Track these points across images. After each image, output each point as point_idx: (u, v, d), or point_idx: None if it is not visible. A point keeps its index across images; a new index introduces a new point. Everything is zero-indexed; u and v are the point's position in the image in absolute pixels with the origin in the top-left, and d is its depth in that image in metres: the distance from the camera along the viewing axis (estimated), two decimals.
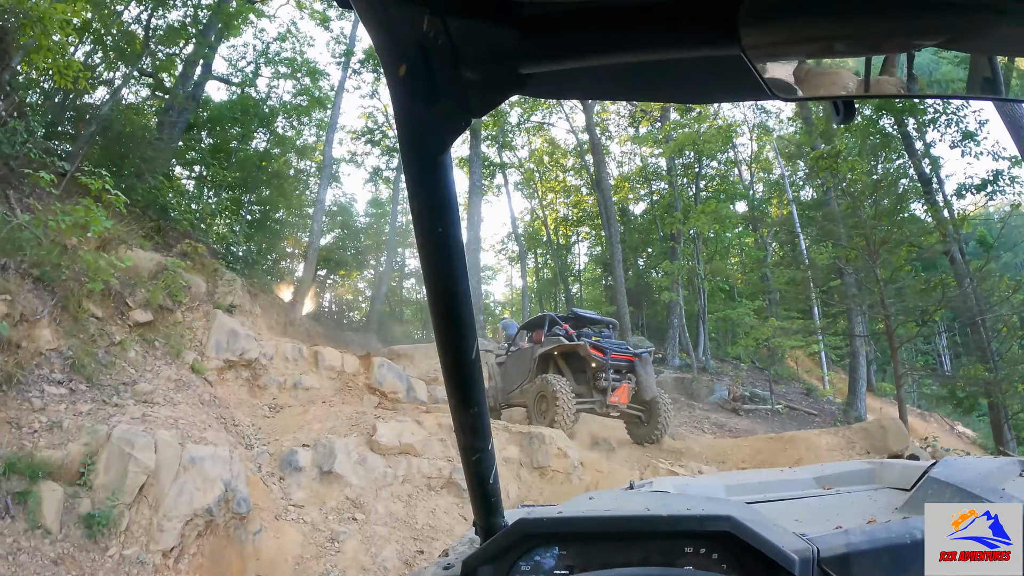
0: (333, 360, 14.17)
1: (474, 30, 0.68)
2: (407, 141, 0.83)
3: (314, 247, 21.65)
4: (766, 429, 18.20)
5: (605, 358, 11.96)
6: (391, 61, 0.72)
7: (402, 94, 0.76)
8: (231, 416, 11.10)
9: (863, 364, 22.40)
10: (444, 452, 9.79)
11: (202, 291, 13.38)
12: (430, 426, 10.27)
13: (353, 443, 9.53)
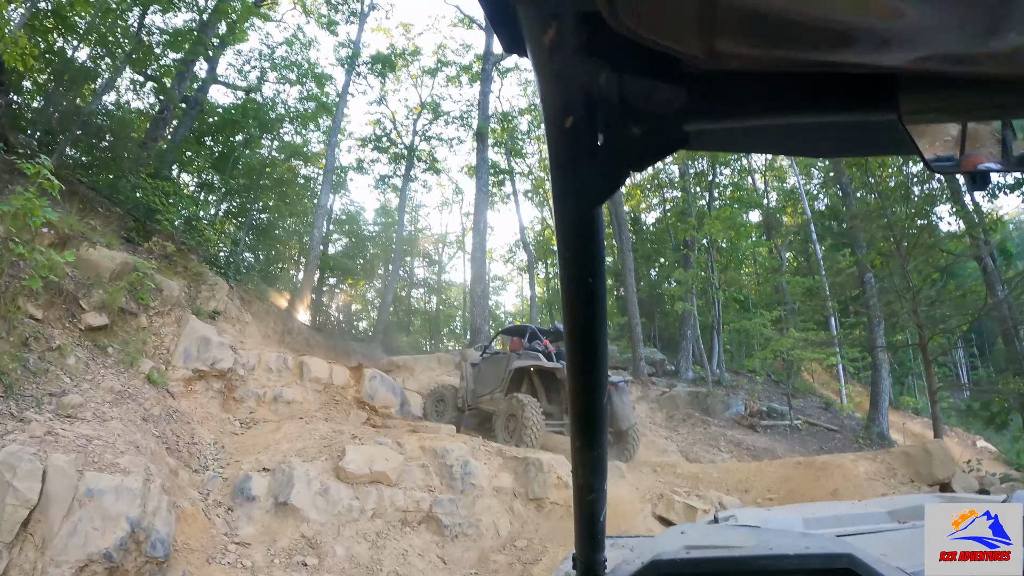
0: (319, 371, 12.57)
1: (645, 87, 0.66)
2: (563, 192, 0.79)
3: (314, 254, 20.25)
4: (786, 448, 16.39)
5: None
6: (556, 112, 0.69)
7: (564, 145, 0.72)
8: (190, 433, 9.55)
9: (885, 377, 20.46)
10: (425, 480, 8.13)
11: (175, 295, 11.88)
12: (411, 449, 8.63)
13: (317, 469, 7.92)
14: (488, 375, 12.89)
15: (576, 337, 0.95)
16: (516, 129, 29.25)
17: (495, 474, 8.47)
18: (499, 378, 12.36)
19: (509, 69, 26.98)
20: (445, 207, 38.67)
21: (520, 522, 8.06)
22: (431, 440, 8.93)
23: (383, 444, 8.76)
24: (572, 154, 0.73)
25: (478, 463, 8.49)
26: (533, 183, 31.68)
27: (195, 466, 8.58)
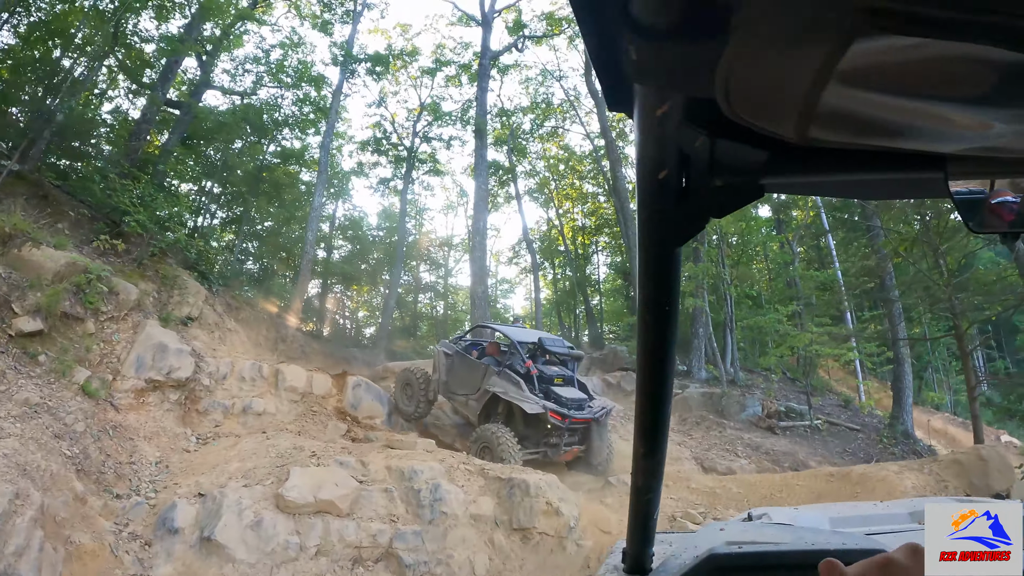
0: (296, 380, 10.99)
1: (733, 149, 0.70)
2: (649, 233, 0.85)
3: (308, 258, 18.67)
4: (808, 451, 14.55)
5: (564, 424, 10.00)
6: (652, 166, 0.74)
7: (655, 194, 0.78)
8: (129, 452, 8.02)
9: (908, 372, 18.47)
10: (387, 508, 6.49)
11: (132, 298, 10.27)
12: (375, 470, 6.99)
13: (255, 496, 6.29)
14: (462, 374, 11.52)
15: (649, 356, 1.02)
16: (519, 128, 27.59)
17: (473, 499, 6.78)
18: (474, 384, 11.03)
19: (509, 66, 25.56)
20: (450, 210, 37.20)
21: (502, 557, 6.39)
22: (399, 459, 7.27)
23: (344, 464, 7.12)
24: (661, 201, 0.78)
25: (452, 487, 6.81)
26: (538, 183, 29.96)
27: (120, 491, 7.03)
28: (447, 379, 11.73)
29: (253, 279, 21.16)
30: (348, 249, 28.93)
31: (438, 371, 12.01)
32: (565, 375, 11.03)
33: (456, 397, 11.52)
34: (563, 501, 6.76)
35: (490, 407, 10.70)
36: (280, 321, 18.35)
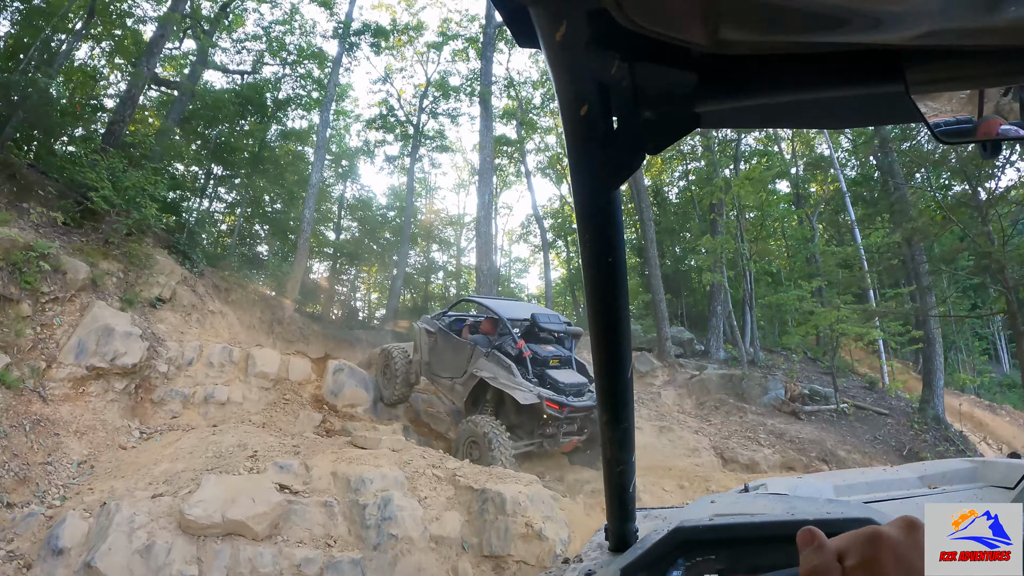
0: (268, 365, 9.56)
1: (656, 74, 0.65)
2: (581, 177, 0.77)
3: (306, 236, 17.22)
4: (836, 438, 12.86)
5: (562, 414, 8.45)
6: (572, 101, 0.68)
7: (580, 132, 0.72)
8: (46, 450, 6.66)
9: (940, 353, 16.59)
10: (324, 528, 4.98)
11: (81, 278, 8.88)
12: (318, 476, 5.48)
13: (154, 511, 4.82)
14: (446, 354, 9.95)
15: (599, 314, 0.92)
16: (529, 101, 25.86)
17: (436, 515, 5.24)
18: (460, 367, 9.51)
19: None
20: (462, 189, 35.56)
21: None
22: (349, 463, 5.73)
23: (284, 468, 5.62)
24: (588, 140, 0.71)
25: (409, 500, 5.28)
26: (549, 159, 28.19)
27: (17, 498, 5.70)
28: (430, 360, 10.22)
29: (248, 259, 19.79)
30: (357, 229, 27.52)
31: (420, 351, 10.50)
32: (562, 356, 9.42)
33: (440, 380, 9.99)
34: (548, 520, 5.18)
35: (478, 393, 9.18)
36: (278, 303, 16.97)
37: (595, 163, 0.73)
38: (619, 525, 1.43)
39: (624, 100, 0.67)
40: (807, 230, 23.08)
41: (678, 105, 0.67)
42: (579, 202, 0.80)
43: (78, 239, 10.63)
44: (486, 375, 8.76)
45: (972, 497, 1.71)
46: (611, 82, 0.65)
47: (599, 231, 0.82)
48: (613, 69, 0.63)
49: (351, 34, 19.78)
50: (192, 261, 13.16)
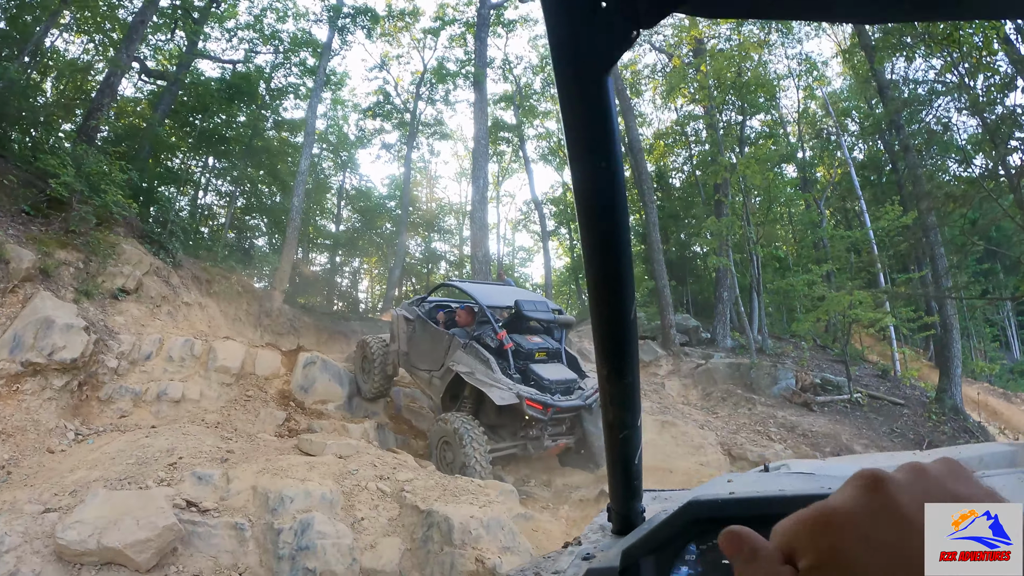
0: (231, 359, 8.58)
1: None
2: (564, 59, 0.65)
3: (295, 226, 16.25)
4: (852, 431, 11.75)
5: (546, 416, 7.28)
6: None
7: (560, 5, 0.62)
8: None
9: (957, 340, 15.46)
10: (232, 558, 3.99)
11: (24, 267, 7.93)
12: (238, 491, 4.41)
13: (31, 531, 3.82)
14: (424, 344, 8.84)
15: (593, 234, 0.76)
16: (528, 86, 24.79)
17: (373, 543, 4.20)
18: (437, 359, 8.38)
19: (513, 21, 22.65)
20: (463, 177, 34.44)
21: None
22: (272, 476, 4.67)
23: (203, 480, 4.61)
24: (572, 14, 0.62)
25: (336, 525, 4.22)
26: (550, 146, 27.06)
27: None
28: (408, 349, 9.10)
29: (240, 250, 18.89)
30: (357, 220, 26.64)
31: (397, 339, 9.35)
32: (549, 348, 8.24)
33: (418, 372, 8.90)
34: (507, 552, 4.04)
35: (455, 389, 8.11)
36: (266, 294, 16.02)
37: (581, 41, 0.62)
38: (623, 504, 1.21)
39: None
40: (814, 214, 21.90)
41: None
42: (564, 92, 0.66)
43: (37, 228, 9.76)
44: (462, 369, 7.66)
45: (1016, 482, 1.47)
46: None
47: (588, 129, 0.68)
48: None
49: (342, 17, 18.71)
50: (167, 251, 12.23)
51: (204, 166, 20.76)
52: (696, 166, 23.90)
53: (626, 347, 0.88)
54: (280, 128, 21.44)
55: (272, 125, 21.00)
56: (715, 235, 17.41)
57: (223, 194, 21.62)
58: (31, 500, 4.65)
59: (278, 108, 21.06)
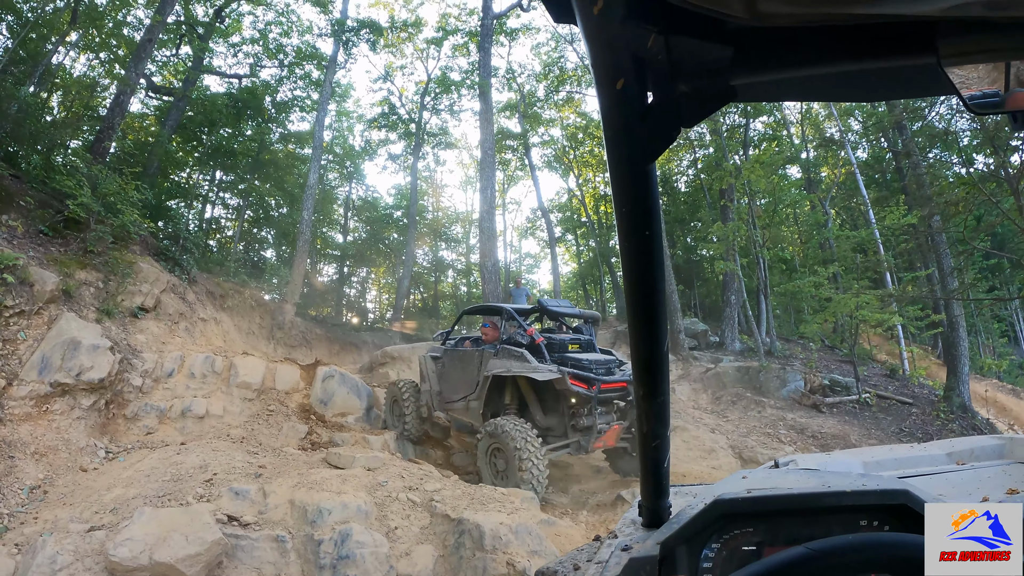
0: (252, 374, 8.85)
1: (693, 47, 0.65)
2: (617, 151, 0.76)
3: (304, 239, 16.48)
4: (861, 432, 11.93)
5: (592, 392, 7.03)
6: (608, 75, 0.68)
7: (616, 107, 0.70)
8: None
9: (964, 338, 15.56)
10: (275, 569, 4.15)
11: (48, 289, 8.22)
12: (275, 505, 4.66)
13: (81, 549, 4.08)
14: (455, 374, 8.66)
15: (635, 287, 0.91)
16: (531, 94, 24.99)
17: (407, 550, 4.43)
18: (471, 381, 8.19)
19: (516, 30, 22.92)
20: (469, 186, 34.67)
21: None
22: (308, 490, 4.92)
23: (239, 495, 4.85)
24: (624, 115, 0.70)
25: (372, 535, 4.46)
26: (555, 153, 27.26)
27: None
28: (440, 388, 8.94)
29: (249, 264, 19.15)
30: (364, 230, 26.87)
31: (427, 381, 9.18)
32: (582, 340, 8.14)
33: (454, 406, 8.59)
34: (535, 556, 4.29)
35: (495, 400, 7.95)
36: (277, 307, 16.28)
37: (631, 137, 0.72)
38: (653, 500, 1.39)
39: (660, 73, 0.66)
40: (820, 215, 22.05)
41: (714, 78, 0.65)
42: (616, 177, 0.77)
43: (55, 249, 10.01)
44: (499, 371, 7.54)
45: (1001, 473, 1.64)
46: (647, 56, 0.65)
47: (636, 205, 0.79)
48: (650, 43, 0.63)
49: (346, 31, 19.00)
50: (182, 268, 12.51)
51: (211, 180, 21.14)
52: (701, 170, 24.06)
53: (659, 373, 1.05)
54: (287, 141, 21.70)
55: (278, 138, 21.32)
56: (721, 240, 17.59)
57: (230, 207, 21.96)
58: (73, 519, 4.90)
59: (284, 121, 21.43)
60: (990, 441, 2.14)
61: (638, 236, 0.82)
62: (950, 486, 1.56)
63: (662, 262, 0.87)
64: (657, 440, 1.20)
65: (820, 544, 0.80)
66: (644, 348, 1.00)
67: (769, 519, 1.23)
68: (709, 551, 1.21)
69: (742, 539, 1.22)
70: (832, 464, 1.97)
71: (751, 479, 1.51)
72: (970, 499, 1.31)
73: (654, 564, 1.23)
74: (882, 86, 0.75)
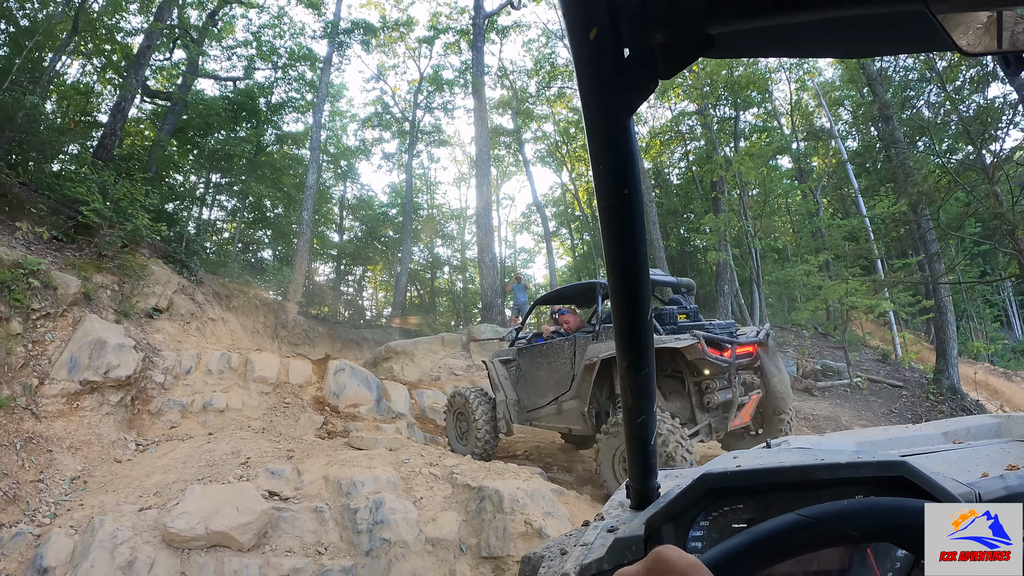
0: (267, 369, 9.37)
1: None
2: (592, 105, 0.73)
3: (305, 239, 16.99)
4: (851, 413, 12.56)
5: (728, 360, 5.98)
6: (580, 26, 0.66)
7: (590, 58, 0.69)
8: (38, 467, 6.52)
9: (952, 322, 16.14)
10: (316, 536, 4.74)
11: (72, 292, 8.74)
12: (310, 482, 5.24)
13: (138, 525, 4.62)
14: (538, 376, 7.69)
15: (615, 251, 0.88)
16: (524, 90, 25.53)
17: (433, 516, 4.99)
18: (563, 378, 7.25)
19: (507, 27, 23.45)
20: (463, 182, 35.21)
21: None
22: (341, 466, 5.50)
23: (275, 474, 5.41)
24: (598, 66, 0.69)
25: (402, 502, 5.02)
26: (548, 147, 27.81)
27: (3, 518, 5.48)
28: (518, 395, 7.94)
29: (250, 265, 19.64)
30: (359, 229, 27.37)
31: (501, 389, 8.03)
32: (688, 310, 7.03)
33: (541, 413, 7.55)
34: (549, 516, 4.86)
35: (602, 396, 6.88)
36: (280, 307, 16.80)
37: (607, 90, 0.70)
38: (641, 480, 1.35)
39: (634, 22, 0.65)
40: (811, 204, 22.65)
41: (690, 26, 0.64)
42: (592, 133, 0.75)
43: (71, 254, 10.47)
44: (607, 353, 6.38)
45: (999, 451, 1.63)
46: (620, 3, 0.63)
47: (614, 162, 0.78)
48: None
49: (340, 33, 19.48)
50: (190, 270, 13.01)
51: (207, 182, 21.51)
52: (692, 162, 24.61)
53: (643, 343, 1.01)
54: (282, 142, 22.13)
55: (274, 139, 21.74)
56: (713, 231, 18.15)
57: (227, 209, 22.39)
58: (119, 503, 5.43)
59: (278, 123, 21.83)
60: (987, 420, 2.18)
61: (617, 196, 0.81)
62: (947, 464, 1.52)
63: (643, 223, 0.86)
64: (643, 416, 1.15)
65: (814, 510, 0.78)
66: (626, 316, 0.98)
67: (759, 494, 1.22)
68: (697, 530, 1.21)
69: (732, 516, 1.21)
70: (824, 444, 1.96)
71: (742, 459, 1.51)
72: (969, 475, 1.29)
73: (639, 544, 1.22)
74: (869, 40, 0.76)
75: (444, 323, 26.18)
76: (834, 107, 24.54)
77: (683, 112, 24.18)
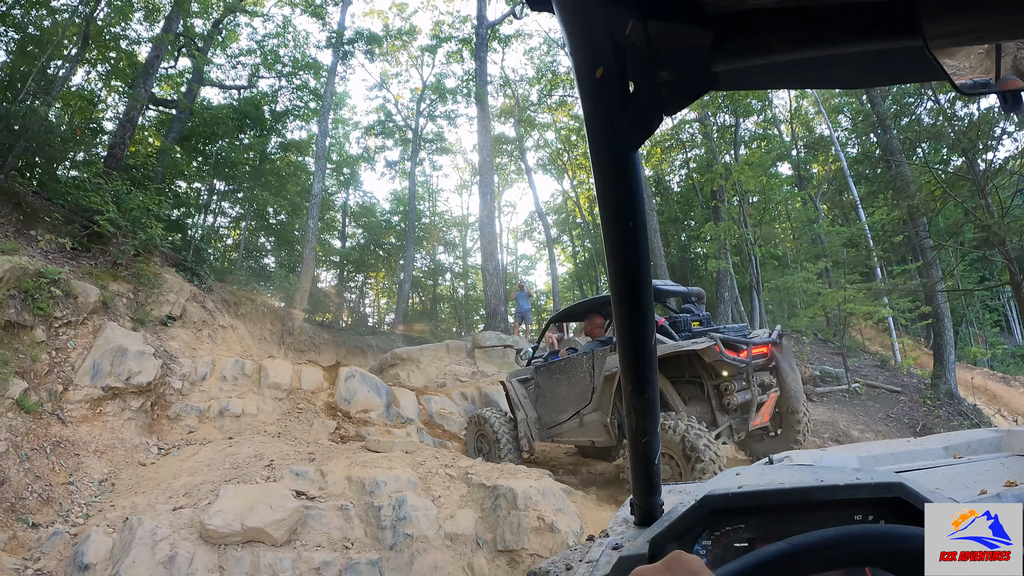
0: (280, 376, 9.72)
1: (672, 32, 0.64)
2: (599, 141, 0.76)
3: (311, 247, 17.33)
4: (849, 418, 12.91)
5: (745, 360, 6.24)
6: (587, 63, 0.67)
7: (597, 95, 0.70)
8: (67, 470, 6.88)
9: (949, 328, 16.50)
10: (341, 532, 5.08)
11: (92, 301, 9.09)
12: (334, 482, 5.60)
13: (175, 523, 4.96)
14: (558, 391, 7.84)
15: (620, 279, 0.91)
16: (525, 99, 25.93)
17: (451, 513, 5.35)
18: (583, 392, 7.37)
19: (509, 37, 23.86)
20: (464, 190, 35.63)
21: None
22: (363, 467, 5.87)
23: (300, 475, 5.76)
24: (605, 103, 0.70)
25: (423, 500, 5.39)
26: (550, 155, 28.22)
27: (41, 519, 5.83)
28: (538, 413, 8.12)
29: (255, 272, 19.97)
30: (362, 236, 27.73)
31: (520, 407, 8.24)
32: (701, 317, 7.30)
33: (562, 428, 7.68)
34: (560, 513, 5.27)
35: (618, 404, 6.88)
36: (287, 314, 17.15)
37: (613, 126, 0.73)
38: (645, 498, 1.38)
39: (640, 61, 0.66)
40: (811, 211, 22.99)
41: (695, 65, 0.66)
42: (598, 166, 0.79)
43: (87, 263, 10.80)
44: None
45: (998, 466, 1.69)
46: (626, 43, 0.64)
47: (619, 195, 0.81)
48: (628, 29, 0.63)
49: (344, 43, 19.87)
50: (200, 278, 13.34)
51: (211, 190, 21.85)
52: (692, 171, 24.97)
53: (647, 368, 1.05)
54: (286, 150, 22.44)
55: (278, 147, 22.06)
56: (713, 239, 18.48)
57: (232, 216, 22.73)
58: (154, 503, 5.77)
59: (282, 131, 22.17)
60: (987, 434, 2.20)
61: (622, 226, 0.83)
62: (947, 480, 1.56)
63: (647, 252, 0.89)
64: (647, 436, 1.19)
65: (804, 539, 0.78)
66: (630, 341, 1.01)
67: (760, 515, 1.26)
68: (700, 548, 1.23)
69: (733, 535, 1.24)
70: (828, 459, 1.99)
71: (744, 476, 1.54)
72: (968, 492, 1.31)
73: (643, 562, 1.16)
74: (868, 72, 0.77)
75: (446, 330, 26.53)
76: (833, 114, 24.88)
77: (683, 120, 24.55)
